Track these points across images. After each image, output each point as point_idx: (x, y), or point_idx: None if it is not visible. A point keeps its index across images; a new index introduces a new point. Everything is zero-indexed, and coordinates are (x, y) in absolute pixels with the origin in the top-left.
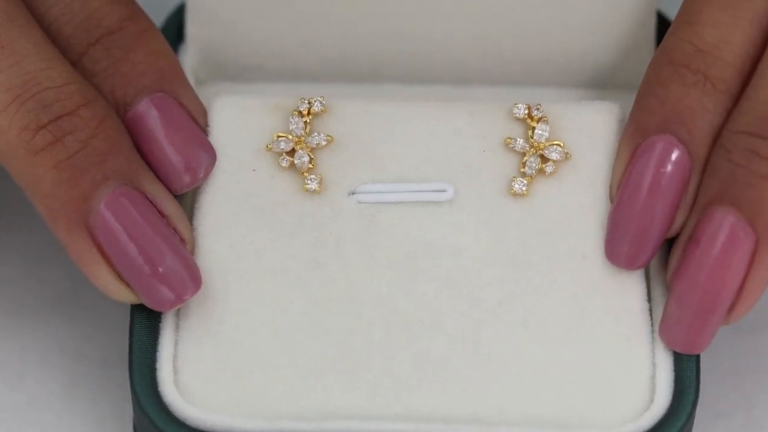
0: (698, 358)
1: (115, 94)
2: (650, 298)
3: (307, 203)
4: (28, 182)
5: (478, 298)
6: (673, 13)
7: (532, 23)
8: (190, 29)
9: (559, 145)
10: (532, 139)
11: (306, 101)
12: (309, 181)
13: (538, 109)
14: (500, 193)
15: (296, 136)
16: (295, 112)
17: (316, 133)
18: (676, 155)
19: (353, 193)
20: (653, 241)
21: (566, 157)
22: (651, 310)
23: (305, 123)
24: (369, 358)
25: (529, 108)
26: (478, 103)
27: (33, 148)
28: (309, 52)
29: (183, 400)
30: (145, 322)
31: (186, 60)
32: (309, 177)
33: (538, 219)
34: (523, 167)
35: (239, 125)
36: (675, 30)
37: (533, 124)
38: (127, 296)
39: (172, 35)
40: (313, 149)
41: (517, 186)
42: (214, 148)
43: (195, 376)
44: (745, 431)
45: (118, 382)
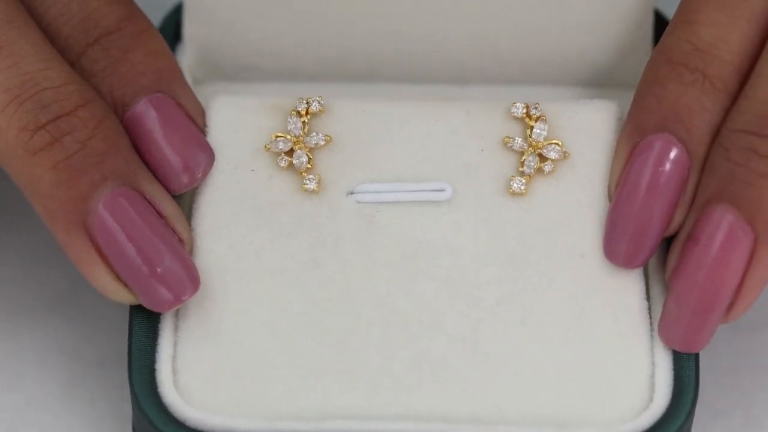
0: (697, 356)
1: (114, 95)
2: (649, 296)
3: (306, 203)
4: (27, 183)
5: (477, 298)
6: (670, 12)
7: (529, 22)
8: (188, 29)
9: (557, 144)
10: (530, 138)
11: (304, 101)
12: (307, 181)
13: (536, 108)
14: (498, 193)
15: (294, 136)
16: (294, 112)
17: (314, 133)
18: (674, 154)
19: (352, 193)
20: (652, 240)
21: (565, 156)
22: (650, 309)
23: (303, 123)
24: (368, 358)
25: (528, 107)
26: (475, 102)
27: (31, 149)
28: (306, 52)
29: (182, 400)
30: (144, 323)
31: (183, 60)
32: (307, 177)
33: (536, 218)
34: (522, 166)
35: (237, 125)
36: (673, 29)
37: (531, 123)
38: (125, 297)
39: (170, 35)
40: (311, 149)
41: (515, 185)
42: (212, 149)
43: (194, 376)
44: (744, 430)
45: (117, 382)
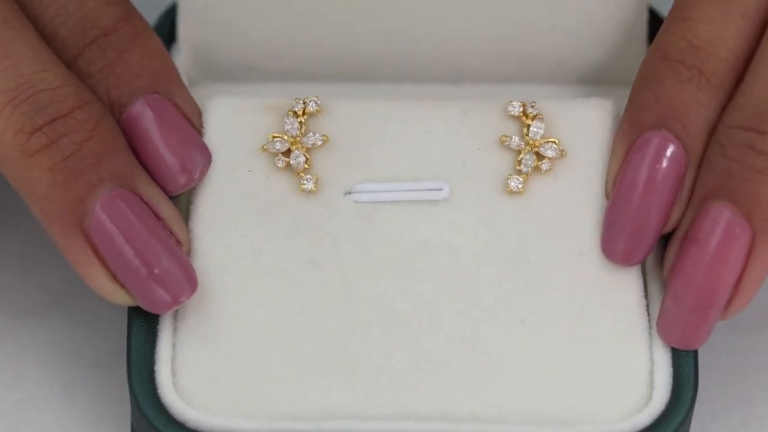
0: (696, 353)
1: (110, 96)
2: (647, 294)
3: (304, 203)
4: (23, 185)
5: (476, 297)
6: (664, 10)
7: (524, 20)
8: (182, 29)
9: (554, 142)
10: (527, 136)
11: (301, 101)
12: (305, 181)
13: (533, 107)
14: (496, 191)
15: (292, 137)
16: (290, 113)
17: (311, 133)
18: (671, 151)
19: (349, 193)
20: (649, 238)
21: (562, 155)
22: (648, 306)
23: (300, 123)
24: (367, 358)
25: (524, 105)
26: (472, 101)
27: (28, 151)
28: (301, 52)
29: (182, 401)
30: (142, 325)
31: (178, 60)
32: (305, 177)
33: (534, 217)
34: (519, 165)
35: (234, 126)
36: (668, 26)
37: (528, 122)
38: (123, 298)
39: (164, 36)
40: (308, 149)
41: (513, 184)
42: (209, 149)
43: (194, 377)
44: (744, 429)
45: (116, 383)
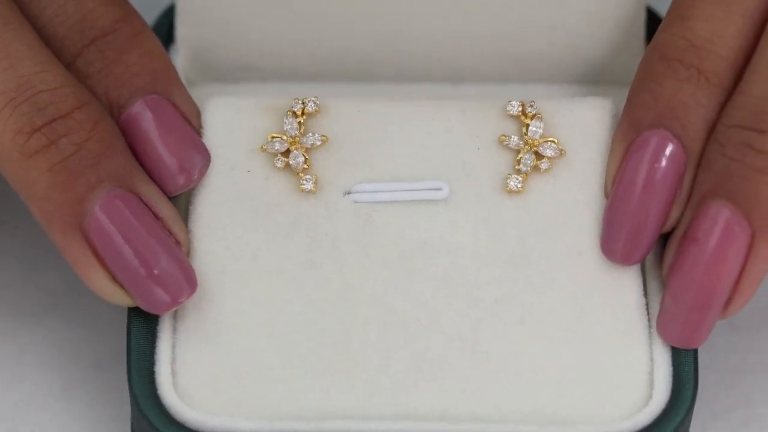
0: (696, 352)
1: (109, 96)
2: (646, 293)
3: (303, 203)
4: (23, 185)
5: (475, 297)
6: (661, 9)
7: (522, 20)
8: (180, 30)
9: (553, 141)
10: (526, 136)
11: (300, 101)
12: (304, 181)
13: (531, 106)
14: (495, 191)
15: (291, 137)
16: (289, 113)
17: (310, 134)
18: (670, 150)
19: (348, 193)
20: (649, 237)
21: (561, 154)
22: (648, 306)
23: (299, 123)
24: (366, 358)
25: (523, 105)
26: (471, 101)
27: (27, 151)
28: (299, 52)
29: (182, 402)
30: (142, 325)
31: (176, 61)
32: (304, 177)
33: (533, 216)
34: (518, 164)
35: (233, 126)
36: (667, 25)
37: (527, 121)
38: (122, 299)
39: (162, 36)
40: (307, 149)
41: (512, 183)
42: (208, 150)
43: (193, 378)
44: (744, 429)
45: (116, 384)
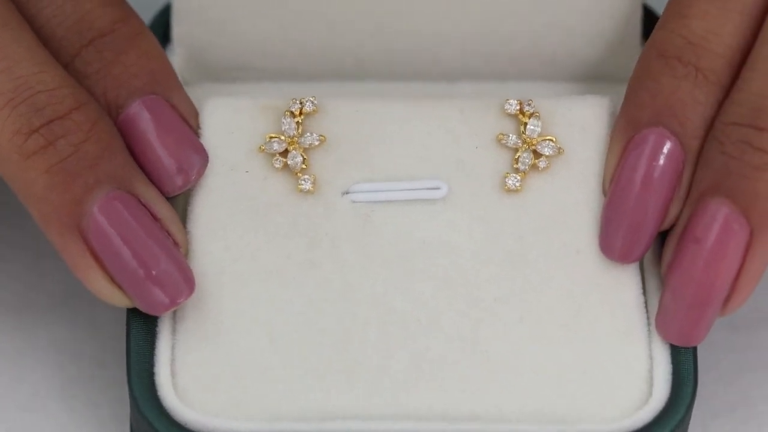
0: (695, 350)
1: (107, 97)
2: (645, 290)
3: (301, 204)
4: (21, 186)
5: (475, 297)
6: (658, 7)
7: (518, 18)
8: (176, 30)
9: (551, 140)
10: (524, 134)
11: (297, 101)
12: (303, 181)
13: (529, 105)
14: (494, 190)
15: (289, 137)
16: (287, 113)
17: (308, 134)
18: (668, 148)
19: (347, 193)
20: (647, 235)
21: (559, 152)
22: (646, 303)
23: (297, 123)
24: (366, 358)
25: (521, 103)
26: (468, 99)
27: (25, 152)
28: (296, 51)
29: (182, 403)
30: (141, 326)
31: (173, 61)
32: (302, 177)
33: (532, 215)
34: (516, 163)
35: (231, 127)
36: (665, 23)
37: (525, 120)
38: (120, 300)
39: (159, 36)
40: (305, 149)
41: (510, 182)
42: (206, 150)
43: (193, 379)
44: (744, 428)
45: (116, 384)
